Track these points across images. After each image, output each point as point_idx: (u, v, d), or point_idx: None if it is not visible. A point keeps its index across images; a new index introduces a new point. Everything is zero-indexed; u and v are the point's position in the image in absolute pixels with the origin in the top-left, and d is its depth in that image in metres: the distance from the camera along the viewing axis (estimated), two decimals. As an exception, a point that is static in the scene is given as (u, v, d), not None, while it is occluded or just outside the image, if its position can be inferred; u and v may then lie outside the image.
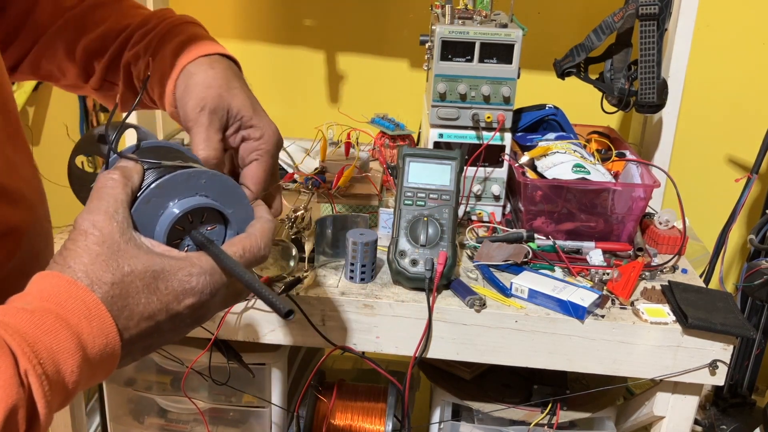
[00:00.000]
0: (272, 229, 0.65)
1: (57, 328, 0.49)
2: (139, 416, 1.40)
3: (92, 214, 0.56)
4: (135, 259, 0.55)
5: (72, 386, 0.50)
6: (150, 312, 0.55)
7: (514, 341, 1.12)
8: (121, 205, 0.57)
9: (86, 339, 0.50)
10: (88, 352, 0.51)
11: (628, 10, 1.31)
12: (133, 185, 0.59)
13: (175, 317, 0.57)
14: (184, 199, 0.61)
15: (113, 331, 0.53)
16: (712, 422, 1.64)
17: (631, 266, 1.21)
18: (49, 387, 0.47)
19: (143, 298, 0.55)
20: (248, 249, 0.62)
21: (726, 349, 1.09)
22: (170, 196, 0.61)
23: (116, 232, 0.55)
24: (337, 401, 1.29)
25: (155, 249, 0.58)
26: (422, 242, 1.15)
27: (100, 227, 0.55)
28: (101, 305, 0.52)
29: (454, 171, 1.19)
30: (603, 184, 1.26)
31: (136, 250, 0.56)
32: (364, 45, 1.82)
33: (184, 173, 0.61)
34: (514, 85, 1.30)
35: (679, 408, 1.18)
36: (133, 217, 0.58)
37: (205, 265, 0.59)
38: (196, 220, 0.62)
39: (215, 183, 0.62)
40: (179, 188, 0.61)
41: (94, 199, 0.57)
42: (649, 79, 1.32)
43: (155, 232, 0.60)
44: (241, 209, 0.65)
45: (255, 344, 1.18)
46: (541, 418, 1.23)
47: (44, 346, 0.48)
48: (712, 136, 1.78)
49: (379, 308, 1.13)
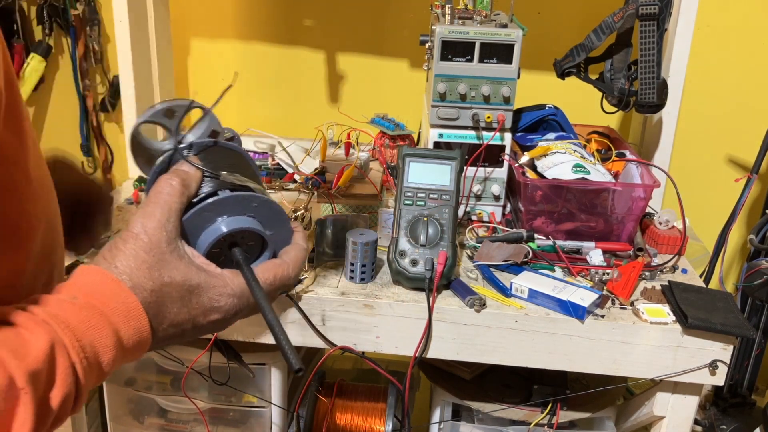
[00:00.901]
0: (304, 258, 0.69)
1: (101, 326, 0.54)
2: (139, 416, 1.40)
3: (146, 218, 0.60)
4: (175, 270, 0.59)
5: (106, 375, 0.56)
6: (178, 321, 0.60)
7: (514, 341, 1.12)
8: (174, 215, 0.61)
9: (123, 336, 0.55)
10: (123, 347, 0.56)
11: (628, 10, 1.31)
12: (189, 194, 0.63)
13: (197, 327, 0.62)
14: (233, 217, 0.65)
15: (147, 331, 0.57)
16: (712, 422, 1.64)
17: (631, 266, 1.21)
18: (90, 376, 0.53)
19: (175, 308, 0.59)
20: (279, 276, 0.66)
21: (726, 349, 1.09)
22: (221, 212, 0.64)
23: (164, 241, 0.59)
24: (337, 401, 1.29)
25: (195, 260, 0.62)
26: (422, 242, 1.15)
27: (150, 234, 0.59)
28: (140, 308, 0.57)
29: (454, 171, 1.19)
30: (603, 184, 1.26)
31: (178, 261, 0.60)
32: (364, 45, 1.82)
33: (240, 196, 0.65)
34: (514, 85, 1.30)
35: (679, 408, 1.18)
36: (183, 224, 0.62)
37: (235, 288, 0.63)
38: (238, 236, 0.66)
39: (264, 207, 0.66)
40: (230, 207, 0.65)
41: (151, 203, 0.61)
42: (649, 79, 1.32)
43: (199, 242, 0.64)
44: (281, 233, 0.69)
45: (255, 344, 1.18)
46: (541, 418, 1.23)
47: (88, 341, 0.53)
48: (712, 136, 1.78)
49: (379, 308, 1.13)
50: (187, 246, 0.62)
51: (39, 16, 1.79)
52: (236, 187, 0.66)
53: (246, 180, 0.67)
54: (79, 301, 0.54)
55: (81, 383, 0.52)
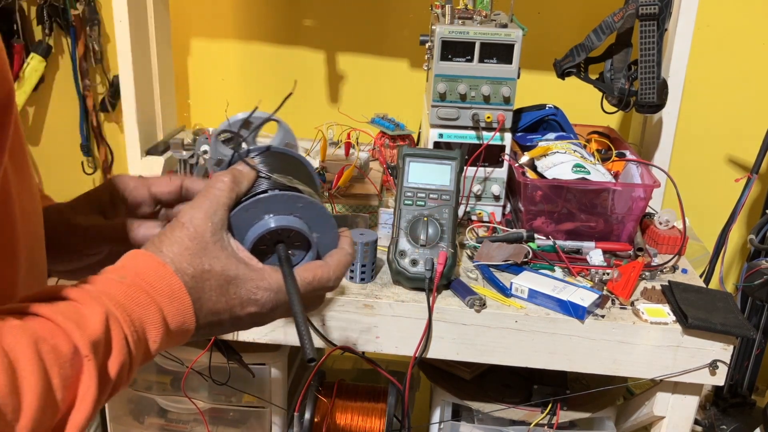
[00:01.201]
0: (349, 263, 0.70)
1: (147, 303, 0.57)
2: (139, 416, 1.40)
3: (194, 210, 0.63)
4: (215, 260, 0.62)
5: (153, 352, 0.58)
6: (216, 309, 0.62)
7: (514, 341, 1.12)
8: (221, 208, 0.63)
9: (168, 316, 0.58)
10: (168, 328, 0.58)
11: (628, 10, 1.31)
12: (239, 191, 0.66)
13: (235, 319, 0.64)
14: (280, 216, 0.67)
15: (190, 314, 0.60)
16: (712, 422, 1.64)
17: (631, 266, 1.21)
18: (139, 350, 0.56)
19: (214, 296, 0.62)
20: (318, 278, 0.67)
21: (726, 349, 1.09)
22: (268, 210, 0.67)
23: (208, 231, 0.62)
24: (337, 401, 1.29)
25: (238, 253, 0.64)
26: (422, 242, 1.15)
27: (195, 224, 0.62)
28: (184, 290, 0.59)
29: (454, 171, 1.19)
30: (603, 184, 1.26)
31: (220, 251, 0.62)
32: (364, 45, 1.82)
33: (286, 195, 0.67)
34: (514, 85, 1.30)
35: (679, 408, 1.18)
36: (231, 219, 0.65)
37: (273, 284, 0.64)
38: (284, 235, 0.68)
39: (310, 208, 0.68)
40: (278, 205, 0.67)
41: (201, 196, 0.64)
42: (649, 79, 1.32)
43: (245, 237, 0.66)
44: (327, 236, 0.70)
45: (255, 344, 1.18)
46: (541, 418, 1.23)
47: (137, 317, 0.56)
48: (712, 136, 1.78)
49: (379, 308, 1.13)
50: (232, 239, 0.64)
51: (39, 16, 1.79)
52: (286, 188, 0.68)
53: (298, 183, 0.69)
54: (127, 280, 0.57)
55: (133, 355, 0.55)
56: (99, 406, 0.53)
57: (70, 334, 0.51)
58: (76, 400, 0.51)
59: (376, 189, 1.35)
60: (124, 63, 1.53)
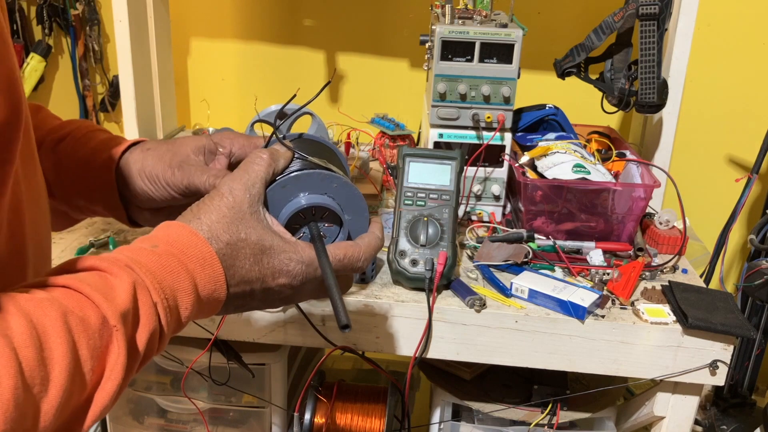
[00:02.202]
0: (378, 247, 0.72)
1: (178, 270, 0.58)
2: (139, 416, 1.40)
3: (234, 181, 0.65)
4: (252, 229, 0.64)
5: (184, 320, 0.59)
6: (249, 278, 0.63)
7: (514, 341, 1.12)
8: (259, 182, 0.66)
9: (199, 283, 0.59)
10: (199, 295, 0.59)
11: (629, 10, 1.31)
12: (276, 168, 0.68)
13: (267, 290, 0.65)
14: (314, 194, 0.70)
15: (222, 280, 0.61)
16: (712, 422, 1.64)
17: (631, 266, 1.21)
18: (171, 318, 0.57)
19: (247, 264, 0.63)
20: (349, 256, 0.69)
21: (726, 349, 1.09)
22: (303, 188, 0.69)
23: (246, 202, 0.64)
24: (337, 401, 1.29)
25: (273, 227, 0.66)
26: (422, 242, 1.15)
27: (234, 194, 0.64)
28: (215, 257, 0.60)
29: (454, 171, 1.19)
30: (603, 184, 1.26)
31: (256, 222, 0.64)
32: (364, 45, 1.82)
33: (321, 173, 0.70)
34: (514, 85, 1.30)
35: (679, 408, 1.18)
36: (267, 195, 0.67)
37: (305, 257, 0.66)
38: (318, 215, 0.71)
39: (344, 189, 0.71)
40: (313, 184, 0.70)
41: (241, 170, 0.67)
42: (649, 79, 1.32)
43: (280, 213, 0.69)
44: (358, 219, 0.73)
45: (255, 344, 1.18)
46: (542, 418, 1.23)
47: (168, 284, 0.57)
48: (712, 136, 1.78)
49: (379, 308, 1.13)
50: (267, 213, 0.67)
51: (39, 15, 1.79)
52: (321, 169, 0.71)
53: (332, 166, 0.71)
54: (159, 249, 0.58)
55: (163, 323, 0.56)
56: (130, 376, 0.54)
57: (98, 304, 0.51)
58: (105, 371, 0.51)
59: (376, 189, 1.35)
60: (124, 63, 1.53)
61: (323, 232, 0.71)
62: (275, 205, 0.69)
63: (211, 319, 1.16)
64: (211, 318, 1.15)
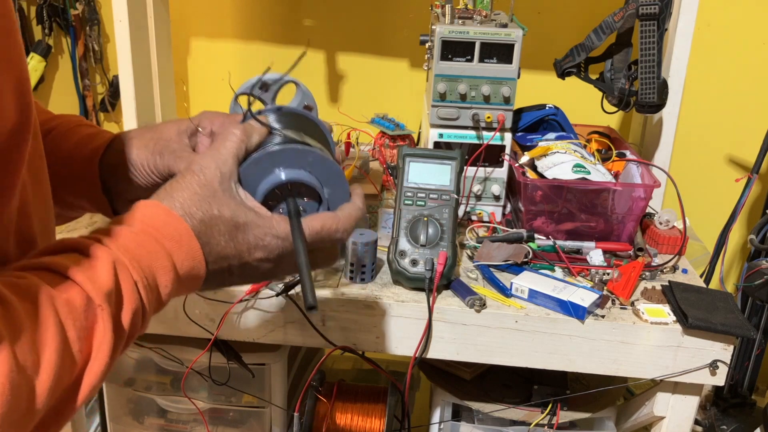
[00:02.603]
0: (359, 217, 0.71)
1: (156, 249, 0.58)
2: (139, 416, 1.40)
3: (205, 159, 0.65)
4: (225, 206, 0.63)
5: (164, 297, 0.59)
6: (226, 254, 0.63)
7: (514, 341, 1.12)
8: (231, 158, 0.65)
9: (177, 260, 0.59)
10: (178, 273, 0.59)
11: (629, 10, 1.31)
12: (249, 145, 0.67)
13: (245, 266, 0.65)
14: (290, 170, 0.68)
15: (200, 257, 0.61)
16: (712, 422, 1.64)
17: (631, 266, 1.21)
18: (151, 297, 0.57)
19: (222, 241, 0.63)
20: (326, 227, 0.68)
21: (726, 349, 1.09)
22: (278, 163, 0.68)
23: (216, 179, 0.64)
24: (337, 401, 1.29)
25: (246, 202, 0.65)
26: (422, 242, 1.15)
27: (205, 172, 0.64)
28: (191, 234, 0.61)
29: (454, 171, 1.19)
30: (603, 184, 1.26)
31: (229, 199, 0.64)
32: (364, 45, 1.82)
33: (296, 148, 0.68)
34: (514, 85, 1.30)
35: (679, 408, 1.18)
36: (241, 172, 0.66)
37: (281, 231, 0.66)
38: (295, 190, 0.69)
39: (320, 163, 0.69)
40: (288, 159, 0.68)
41: (213, 147, 0.66)
42: (649, 79, 1.32)
43: (257, 190, 0.68)
44: (337, 192, 0.71)
45: (255, 344, 1.18)
46: (542, 418, 1.23)
47: (146, 263, 0.57)
48: (712, 136, 1.78)
49: (379, 308, 1.13)
50: (241, 189, 0.66)
51: (39, 15, 1.79)
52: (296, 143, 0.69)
53: (309, 139, 0.70)
54: (135, 228, 0.58)
55: (144, 302, 0.56)
56: (116, 356, 0.54)
57: (82, 284, 0.52)
58: (92, 351, 0.52)
59: (376, 189, 1.35)
60: (124, 63, 1.53)
61: (302, 207, 0.70)
62: (251, 181, 0.67)
63: (211, 319, 1.16)
64: (211, 318, 1.15)
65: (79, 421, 1.41)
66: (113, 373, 1.35)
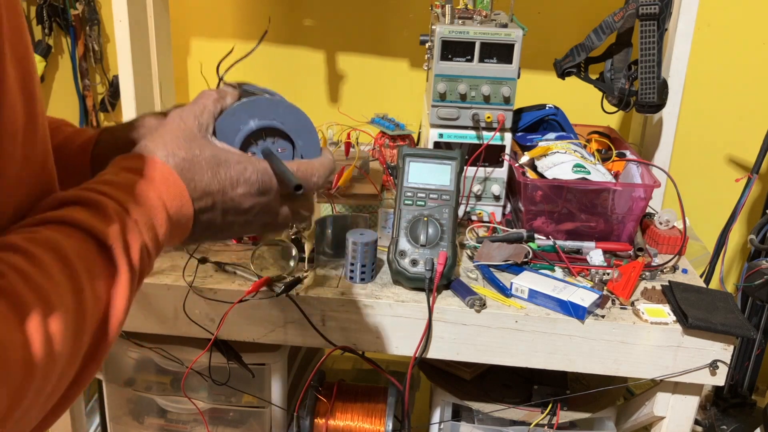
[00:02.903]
0: (331, 168, 0.75)
1: (146, 191, 0.61)
2: (138, 416, 1.40)
3: (184, 111, 0.70)
4: (205, 147, 0.68)
5: (161, 237, 0.61)
6: (210, 190, 0.66)
7: (514, 341, 1.12)
8: (207, 112, 0.70)
9: (166, 200, 0.62)
10: (168, 211, 0.62)
11: (629, 10, 1.31)
12: (224, 104, 0.73)
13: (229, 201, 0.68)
14: (263, 119, 0.73)
15: (185, 194, 0.64)
16: (712, 422, 1.64)
17: (631, 266, 1.21)
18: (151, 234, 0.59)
19: (206, 177, 0.66)
20: (302, 170, 0.72)
21: (726, 349, 1.09)
22: (252, 114, 0.73)
23: (195, 128, 0.69)
24: (337, 401, 1.29)
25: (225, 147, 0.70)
26: (422, 242, 1.15)
27: (184, 119, 0.69)
28: (174, 173, 0.64)
29: (454, 171, 1.19)
30: (603, 184, 1.26)
31: (208, 142, 0.69)
32: (364, 45, 1.82)
33: (268, 99, 0.74)
34: (514, 85, 1.30)
35: (679, 408, 1.18)
36: (217, 125, 0.71)
37: (260, 166, 0.70)
38: (269, 140, 0.74)
39: (292, 116, 0.74)
40: (261, 110, 0.73)
41: (191, 103, 0.71)
42: (649, 79, 1.32)
43: (234, 140, 0.72)
44: (309, 143, 0.75)
45: (255, 344, 1.18)
46: (542, 418, 1.23)
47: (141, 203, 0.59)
48: (712, 136, 1.78)
49: (379, 308, 1.13)
50: (218, 140, 0.70)
51: (38, 15, 1.79)
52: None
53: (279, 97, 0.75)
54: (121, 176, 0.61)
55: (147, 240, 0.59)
56: (134, 293, 0.57)
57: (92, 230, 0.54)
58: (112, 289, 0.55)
59: (376, 189, 1.35)
60: (124, 63, 1.53)
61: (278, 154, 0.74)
62: (227, 134, 0.71)
63: (211, 319, 1.16)
64: (211, 318, 1.15)
65: (79, 421, 1.41)
66: (113, 374, 1.35)
